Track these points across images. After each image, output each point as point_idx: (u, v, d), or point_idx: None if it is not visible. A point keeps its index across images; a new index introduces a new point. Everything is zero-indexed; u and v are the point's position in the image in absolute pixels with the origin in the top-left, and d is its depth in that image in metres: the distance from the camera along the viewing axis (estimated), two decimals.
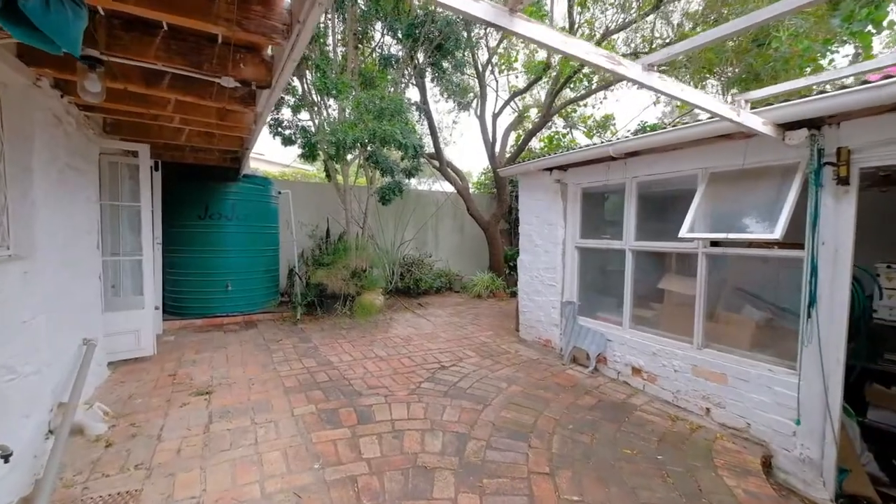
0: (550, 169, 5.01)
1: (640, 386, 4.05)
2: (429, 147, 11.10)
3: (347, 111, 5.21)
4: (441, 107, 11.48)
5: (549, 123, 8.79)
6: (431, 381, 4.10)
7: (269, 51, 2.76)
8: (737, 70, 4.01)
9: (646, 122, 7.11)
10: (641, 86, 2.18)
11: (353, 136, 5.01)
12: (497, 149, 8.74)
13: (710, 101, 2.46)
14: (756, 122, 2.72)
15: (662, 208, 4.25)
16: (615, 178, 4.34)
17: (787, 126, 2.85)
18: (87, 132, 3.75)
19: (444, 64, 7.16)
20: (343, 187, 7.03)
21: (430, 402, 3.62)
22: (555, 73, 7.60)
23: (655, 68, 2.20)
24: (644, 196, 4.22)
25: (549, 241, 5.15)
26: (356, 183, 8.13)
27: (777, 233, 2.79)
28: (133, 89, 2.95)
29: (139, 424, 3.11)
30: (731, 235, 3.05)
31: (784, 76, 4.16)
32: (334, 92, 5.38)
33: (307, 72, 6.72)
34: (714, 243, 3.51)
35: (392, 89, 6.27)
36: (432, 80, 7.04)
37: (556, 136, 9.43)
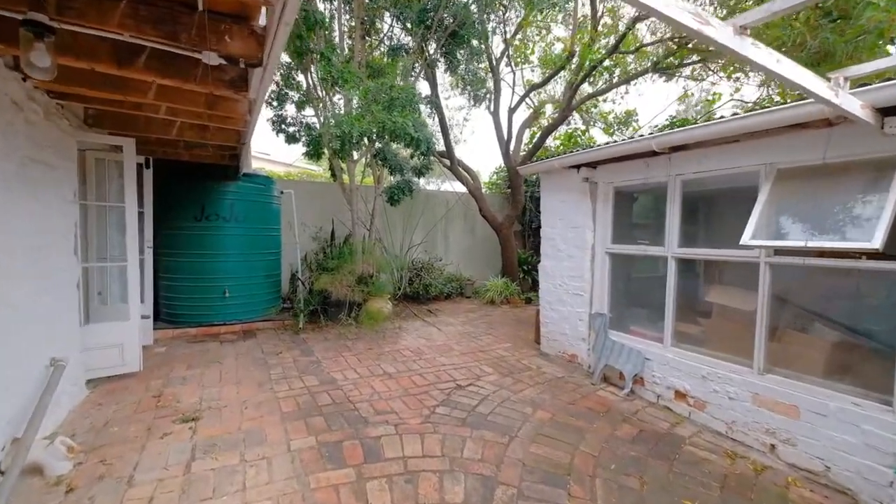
0: (578, 166, 4.52)
1: (686, 413, 3.55)
2: (439, 145, 10.67)
3: (354, 101, 4.73)
4: (452, 103, 11.04)
5: (568, 119, 8.29)
6: (447, 405, 3.62)
7: (259, 20, 2.31)
8: (811, 47, 3.51)
9: (674, 118, 6.59)
10: (732, 53, 1.68)
11: (360, 128, 4.54)
12: (512, 146, 8.24)
13: (809, 77, 1.96)
14: (854, 105, 2.22)
15: (713, 211, 3.75)
16: (656, 176, 3.84)
17: (887, 111, 2.34)
18: (59, 123, 3.32)
19: (458, 54, 6.67)
20: (349, 187, 6.59)
21: (448, 432, 3.15)
22: (574, 65, 7.10)
23: (748, 32, 1.71)
24: (690, 196, 3.72)
25: (576, 245, 4.65)
26: (362, 182, 7.69)
27: (876, 242, 2.29)
28: (103, 70, 2.51)
29: (110, 461, 2.67)
30: (815, 244, 2.54)
31: (868, 54, 3.64)
32: (340, 81, 4.92)
33: (311, 66, 6.29)
34: (779, 251, 3.00)
35: (401, 82, 5.81)
36: (445, 71, 6.59)
37: (576, 133, 8.93)
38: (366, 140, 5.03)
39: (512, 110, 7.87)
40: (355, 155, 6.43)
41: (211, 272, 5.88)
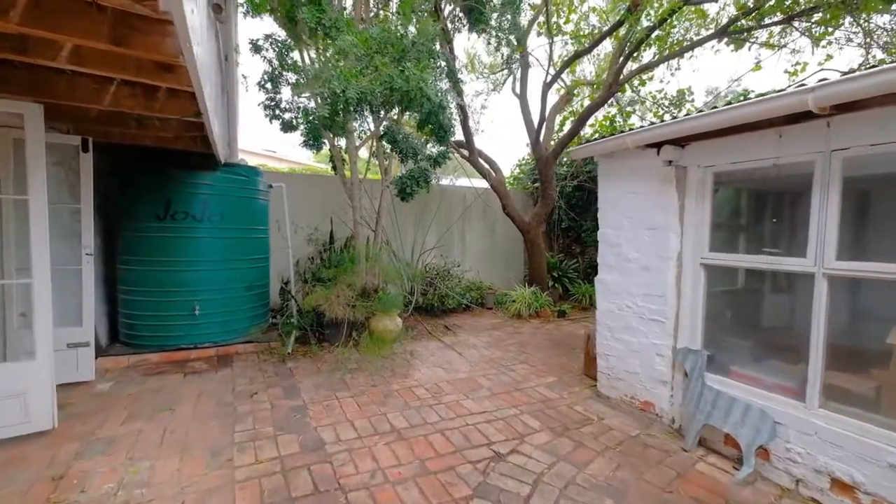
0: (658, 145, 3.27)
1: None
2: (456, 133, 9.47)
3: (354, 55, 3.52)
4: (468, 88, 9.82)
5: (610, 101, 6.99)
6: (485, 497, 2.41)
7: None
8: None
9: (750, 91, 5.29)
10: None
11: (359, 89, 3.33)
12: (543, 132, 6.98)
13: None
14: None
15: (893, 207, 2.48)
16: (795, 154, 2.58)
17: None
18: None
19: (483, 11, 5.36)
20: (351, 179, 5.40)
21: None
22: (623, 31, 5.84)
23: None
24: (855, 184, 2.45)
25: (654, 253, 3.41)
26: (366, 176, 6.50)
27: None
28: None
29: None
30: None
31: None
32: (333, 31, 3.71)
33: (304, 34, 5.11)
34: None
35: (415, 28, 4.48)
36: (471, 30, 5.36)
37: (618, 117, 7.63)
38: (367, 110, 3.82)
39: (548, 86, 6.61)
40: (357, 135, 5.24)
41: (178, 284, 4.74)
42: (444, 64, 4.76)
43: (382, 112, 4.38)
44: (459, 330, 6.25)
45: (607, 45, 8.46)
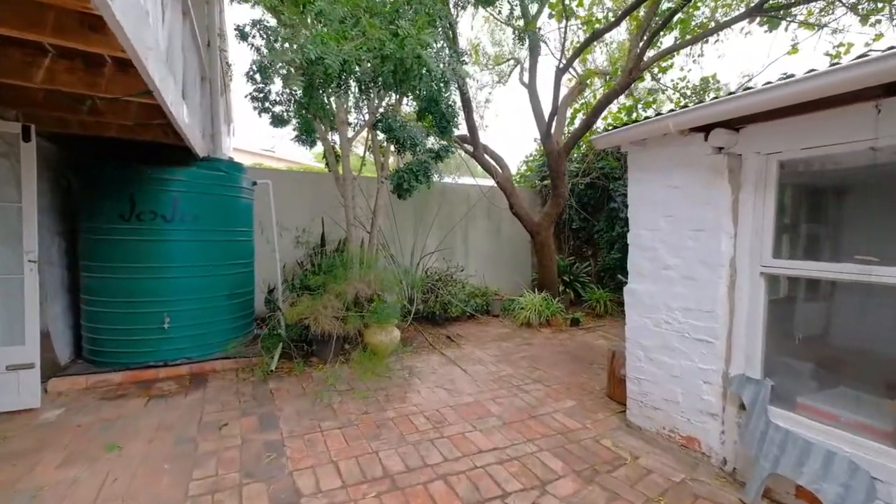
0: (706, 128, 2.70)
1: None
2: (460, 126, 8.92)
3: (338, 13, 2.94)
4: (471, 82, 9.21)
5: (629, 89, 6.36)
6: None
7: None
8: None
9: (790, 74, 4.65)
10: None
11: (341, 54, 2.75)
12: (555, 125, 6.39)
13: None
14: None
15: None
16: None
17: None
18: None
19: None
20: (343, 175, 4.84)
21: None
22: (643, 12, 5.26)
23: None
24: None
25: (698, 259, 2.83)
26: (361, 172, 5.94)
27: None
28: None
29: None
30: None
31: None
32: None
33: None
34: None
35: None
36: (476, 4, 4.78)
37: (638, 107, 7.04)
38: (355, 84, 3.25)
39: (561, 71, 6.01)
40: (352, 128, 4.68)
41: (146, 293, 4.20)
42: (448, 25, 4.15)
43: (374, 91, 3.81)
44: (464, 341, 5.68)
45: (622, 33, 7.90)
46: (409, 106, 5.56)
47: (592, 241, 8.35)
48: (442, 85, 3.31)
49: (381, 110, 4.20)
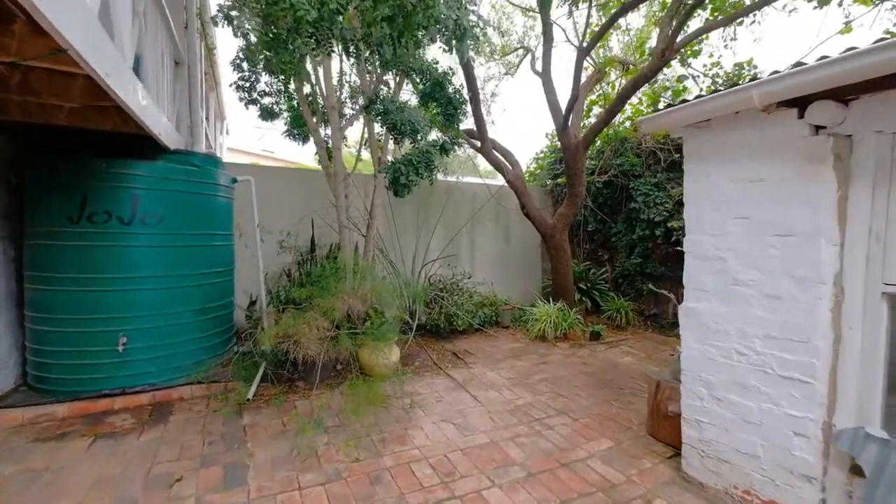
0: (802, 102, 2.05)
1: None
2: (465, 120, 8.27)
3: None
4: (477, 73, 8.54)
5: (655, 77, 5.67)
6: None
7: None
8: None
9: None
10: None
11: None
12: (573, 115, 5.72)
13: None
14: None
15: None
16: None
17: None
18: None
19: None
20: (334, 170, 4.20)
21: None
22: None
23: None
24: None
25: (786, 273, 2.18)
26: (356, 168, 5.30)
27: None
28: None
29: None
30: None
31: None
32: None
33: None
34: None
35: None
36: None
37: (664, 95, 6.36)
38: (337, 41, 2.60)
39: (584, 52, 5.29)
40: (346, 120, 4.03)
41: (100, 308, 3.55)
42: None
43: (365, 54, 3.15)
44: (472, 359, 5.02)
45: (640, 18, 7.26)
46: (408, 92, 4.92)
47: (609, 245, 7.69)
48: (455, 41, 2.65)
49: (376, 89, 3.52)
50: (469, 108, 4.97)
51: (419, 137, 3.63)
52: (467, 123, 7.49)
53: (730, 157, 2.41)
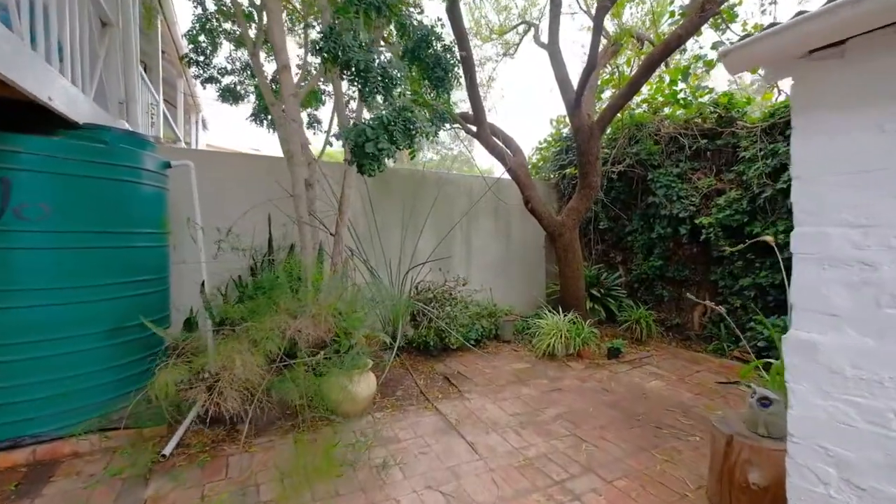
0: None
1: None
2: (462, 101, 7.35)
3: None
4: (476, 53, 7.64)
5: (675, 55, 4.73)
6: None
7: None
8: None
9: None
10: None
11: None
12: (587, 88, 4.76)
13: None
14: None
15: None
16: None
17: None
18: None
19: None
20: (289, 149, 3.26)
21: None
22: None
23: None
24: None
25: None
26: (322, 156, 4.35)
27: None
28: None
29: None
30: None
31: None
32: None
33: None
34: None
35: None
36: None
37: (699, 59, 5.38)
38: None
39: (605, 8, 4.34)
40: (302, 75, 3.10)
41: None
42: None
43: None
44: (468, 385, 4.09)
45: None
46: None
47: (622, 245, 6.78)
48: None
49: (331, 25, 2.53)
50: (461, 72, 4.03)
51: (396, 94, 2.65)
52: (464, 106, 6.58)
53: (887, 100, 1.49)
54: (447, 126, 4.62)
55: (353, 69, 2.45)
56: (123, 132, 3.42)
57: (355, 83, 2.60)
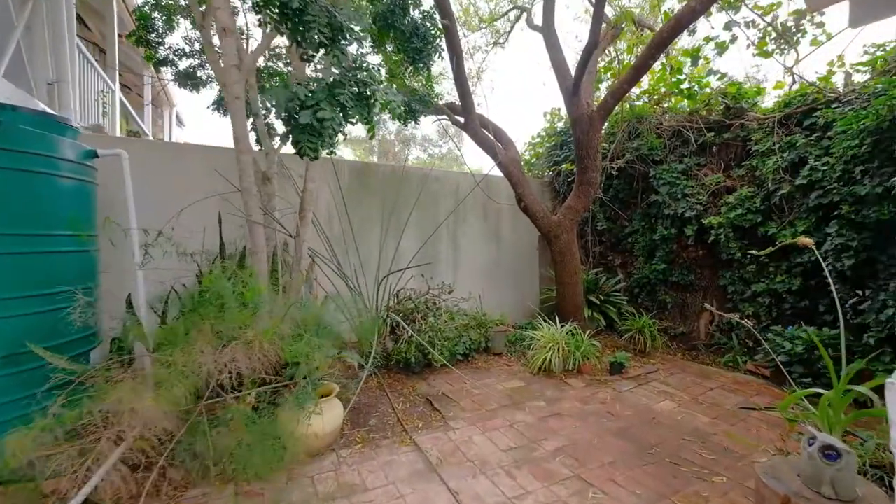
0: None
1: None
2: (448, 93, 6.83)
3: None
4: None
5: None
6: None
7: None
8: None
9: None
10: None
11: None
12: (587, 71, 4.24)
13: None
14: None
15: None
16: None
17: None
18: None
19: None
20: (234, 131, 2.69)
21: None
22: None
23: None
24: None
25: None
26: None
27: None
28: None
29: None
30: None
31: None
32: None
33: None
34: None
35: None
36: None
37: (710, 40, 4.85)
38: None
39: None
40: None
41: None
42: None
43: None
44: (453, 410, 3.54)
45: None
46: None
47: (621, 247, 6.31)
48: None
49: None
50: (444, 44, 3.48)
51: (343, 43, 2.01)
52: (451, 96, 6.10)
53: None
54: (426, 110, 4.07)
55: (280, 5, 1.82)
56: (30, 112, 2.81)
57: (285, 26, 1.94)
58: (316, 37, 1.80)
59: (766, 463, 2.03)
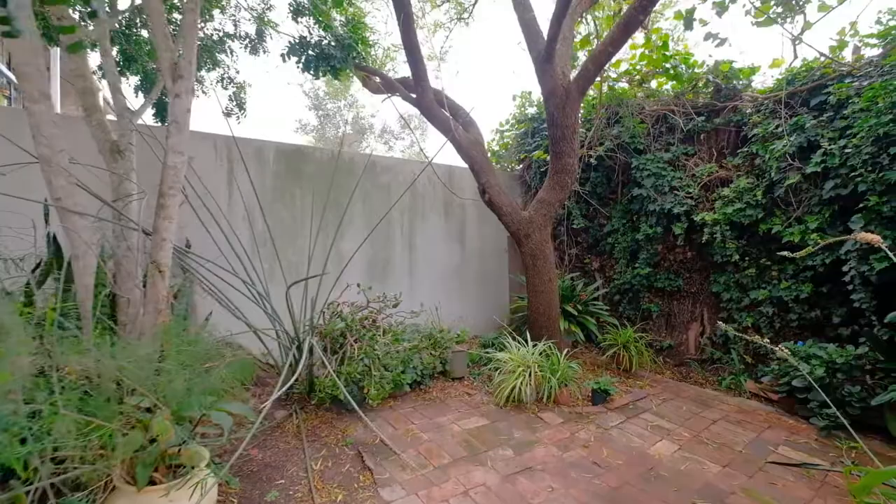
0: None
1: None
2: (397, 66, 5.96)
3: None
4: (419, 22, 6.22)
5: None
6: None
7: None
8: None
9: None
10: None
11: None
12: (560, 41, 3.44)
13: None
14: None
15: None
16: None
17: None
18: None
19: None
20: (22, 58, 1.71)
21: None
22: None
23: None
24: None
25: None
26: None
27: None
28: None
29: None
30: None
31: None
32: None
33: None
34: None
35: None
36: None
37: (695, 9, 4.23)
38: None
39: None
40: None
41: None
42: None
43: None
44: (391, 467, 2.62)
45: None
46: None
47: (600, 249, 5.57)
48: None
49: None
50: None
51: None
52: (397, 68, 5.23)
53: None
54: (347, 61, 3.18)
55: None
56: None
57: None
58: None
59: None
